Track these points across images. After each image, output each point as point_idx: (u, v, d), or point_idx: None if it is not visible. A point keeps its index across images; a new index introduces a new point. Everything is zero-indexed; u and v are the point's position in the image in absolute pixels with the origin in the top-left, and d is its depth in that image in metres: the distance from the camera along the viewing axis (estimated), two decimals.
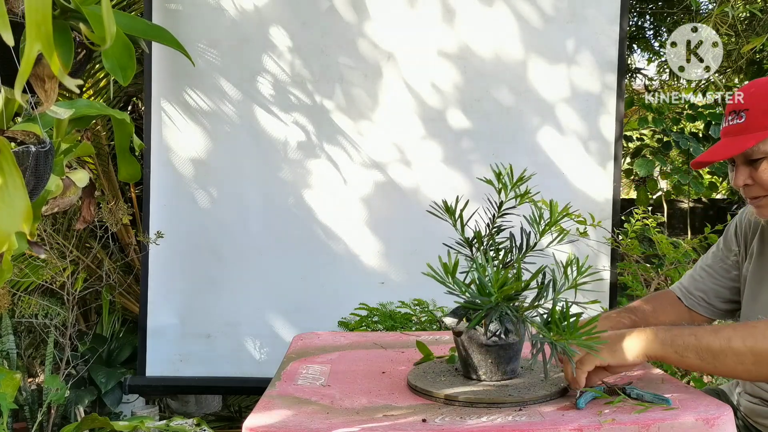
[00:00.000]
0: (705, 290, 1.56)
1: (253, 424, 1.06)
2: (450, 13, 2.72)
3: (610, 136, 2.74)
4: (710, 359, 1.18)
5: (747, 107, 1.33)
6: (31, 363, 3.01)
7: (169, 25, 2.65)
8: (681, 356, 1.20)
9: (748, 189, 1.37)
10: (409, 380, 1.26)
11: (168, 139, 2.74)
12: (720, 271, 1.56)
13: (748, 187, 1.36)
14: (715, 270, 1.57)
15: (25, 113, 1.02)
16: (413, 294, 2.53)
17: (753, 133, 1.31)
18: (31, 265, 2.69)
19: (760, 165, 1.32)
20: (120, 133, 1.20)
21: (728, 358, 1.17)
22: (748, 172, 1.34)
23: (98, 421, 1.94)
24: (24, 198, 0.76)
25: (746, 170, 1.35)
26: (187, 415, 2.98)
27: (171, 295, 2.76)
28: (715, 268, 1.57)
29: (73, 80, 0.71)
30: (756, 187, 1.35)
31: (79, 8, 0.93)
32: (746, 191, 1.37)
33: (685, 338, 1.19)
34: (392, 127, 2.75)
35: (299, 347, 1.60)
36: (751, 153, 1.32)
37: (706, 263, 1.60)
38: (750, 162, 1.34)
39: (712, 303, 1.56)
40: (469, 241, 1.32)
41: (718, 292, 1.56)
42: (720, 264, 1.57)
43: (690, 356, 1.19)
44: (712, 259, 1.59)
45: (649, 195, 4.07)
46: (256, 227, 2.77)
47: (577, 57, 2.72)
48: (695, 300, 1.57)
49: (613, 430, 1.02)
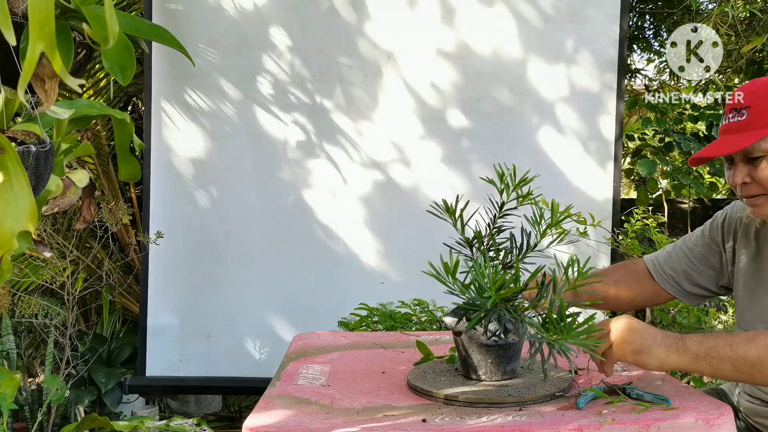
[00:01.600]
0: (676, 270, 1.56)
1: (253, 424, 1.06)
2: (450, 13, 2.71)
3: (610, 136, 2.74)
4: (747, 369, 1.17)
5: (749, 105, 1.32)
6: (31, 363, 3.01)
7: (169, 25, 2.65)
8: (716, 369, 1.19)
9: (745, 187, 1.35)
10: (409, 380, 1.26)
11: (168, 139, 2.74)
12: (698, 257, 1.56)
13: (746, 185, 1.35)
14: (694, 254, 1.56)
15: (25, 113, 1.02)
16: (413, 294, 2.52)
17: (754, 131, 1.30)
18: (31, 265, 2.69)
19: (760, 163, 1.31)
20: (120, 133, 1.20)
21: (766, 366, 1.16)
22: (747, 170, 1.33)
23: (98, 421, 1.94)
24: (29, 197, 0.76)
25: (745, 168, 1.34)
26: (187, 415, 2.98)
27: (171, 295, 2.76)
28: (694, 253, 1.56)
29: (75, 80, 0.72)
30: (754, 185, 1.34)
31: (79, 8, 0.93)
32: (743, 190, 1.36)
33: (720, 350, 1.17)
34: (392, 127, 2.75)
35: (299, 347, 1.60)
36: (752, 150, 1.31)
37: (686, 245, 1.59)
38: (749, 160, 1.33)
39: (679, 283, 1.56)
40: (470, 241, 1.32)
41: (689, 275, 1.55)
42: (700, 250, 1.56)
43: (725, 368, 1.18)
44: (693, 243, 1.58)
45: (649, 195, 4.07)
46: (256, 227, 2.77)
47: (576, 57, 2.72)
48: (665, 278, 1.57)
49: (613, 430, 1.02)
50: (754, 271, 1.45)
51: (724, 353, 1.17)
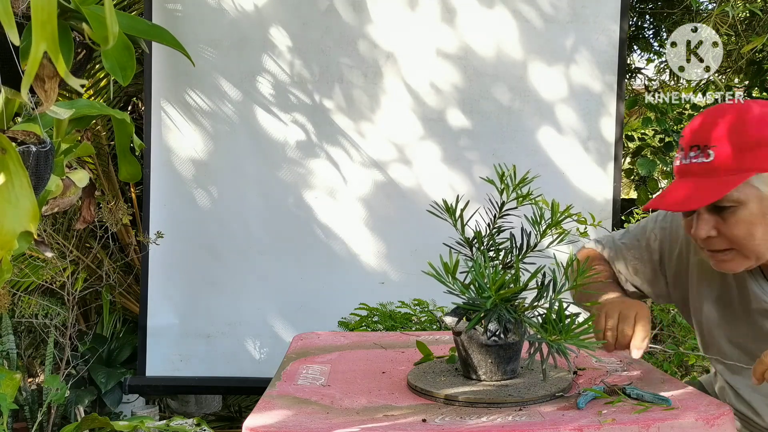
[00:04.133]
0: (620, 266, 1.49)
1: (253, 424, 1.06)
2: (450, 12, 2.71)
3: (610, 137, 2.74)
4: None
5: (714, 144, 1.14)
6: (31, 363, 3.01)
7: (169, 25, 2.65)
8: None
9: (710, 241, 1.19)
10: (409, 380, 1.26)
11: (168, 139, 2.74)
12: (631, 269, 1.48)
13: (711, 239, 1.18)
14: (627, 261, 1.48)
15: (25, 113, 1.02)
16: (413, 294, 2.52)
17: (724, 177, 1.12)
18: (31, 265, 2.69)
19: (730, 216, 1.14)
20: (120, 133, 1.20)
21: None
22: (713, 222, 1.16)
23: (98, 421, 1.94)
24: (30, 197, 0.76)
25: (711, 219, 1.16)
26: (187, 415, 2.98)
27: (171, 295, 2.76)
28: (628, 260, 1.48)
29: (77, 80, 0.71)
30: (720, 239, 1.17)
31: (79, 8, 0.93)
32: (707, 243, 1.19)
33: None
34: (392, 127, 2.75)
35: (299, 347, 1.60)
36: (721, 200, 1.13)
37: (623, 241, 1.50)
38: (716, 210, 1.16)
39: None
40: (469, 241, 1.32)
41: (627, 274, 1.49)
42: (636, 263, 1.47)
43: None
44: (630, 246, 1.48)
45: (649, 195, 4.06)
46: (256, 227, 2.77)
47: (577, 57, 2.72)
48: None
49: (613, 430, 1.02)
50: (728, 310, 1.34)
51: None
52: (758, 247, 1.16)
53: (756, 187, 1.13)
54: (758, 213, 1.13)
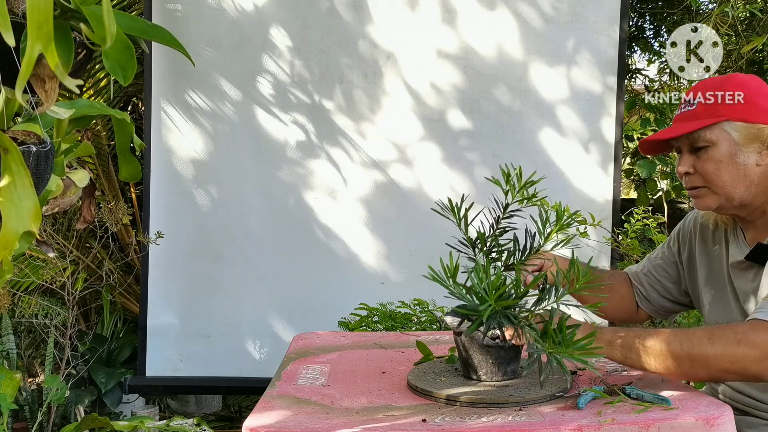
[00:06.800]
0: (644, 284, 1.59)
1: (253, 424, 1.06)
2: (450, 13, 2.71)
3: (611, 137, 2.74)
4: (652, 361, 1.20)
5: (699, 98, 1.37)
6: (31, 363, 3.01)
7: (169, 25, 2.65)
8: (624, 356, 1.23)
9: (689, 178, 1.38)
10: (409, 380, 1.26)
11: (168, 139, 2.74)
12: (658, 269, 1.58)
13: (689, 176, 1.38)
14: (654, 266, 1.59)
15: (25, 113, 1.02)
16: (413, 294, 2.52)
17: (702, 119, 1.34)
18: (31, 265, 2.69)
19: (703, 154, 1.34)
20: (120, 133, 1.20)
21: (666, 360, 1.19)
22: (692, 161, 1.36)
23: (98, 421, 1.94)
24: (32, 197, 0.76)
25: (690, 158, 1.37)
26: (187, 415, 2.98)
27: (171, 295, 2.76)
28: (654, 264, 1.59)
29: (73, 80, 0.71)
30: (696, 176, 1.37)
31: (79, 8, 0.92)
32: (687, 181, 1.39)
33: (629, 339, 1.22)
34: (392, 128, 2.75)
35: (299, 347, 1.60)
36: (696, 139, 1.34)
37: (651, 257, 1.62)
38: (694, 150, 1.36)
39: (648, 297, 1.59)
40: (472, 242, 1.31)
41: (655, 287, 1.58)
42: (660, 262, 1.58)
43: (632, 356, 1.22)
44: (656, 255, 1.61)
45: (649, 195, 4.06)
46: (256, 227, 2.77)
47: (577, 58, 2.72)
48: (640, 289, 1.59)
49: (613, 430, 1.02)
50: (714, 275, 1.47)
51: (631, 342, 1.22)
52: (726, 186, 1.34)
53: (728, 132, 1.33)
54: (727, 154, 1.33)
